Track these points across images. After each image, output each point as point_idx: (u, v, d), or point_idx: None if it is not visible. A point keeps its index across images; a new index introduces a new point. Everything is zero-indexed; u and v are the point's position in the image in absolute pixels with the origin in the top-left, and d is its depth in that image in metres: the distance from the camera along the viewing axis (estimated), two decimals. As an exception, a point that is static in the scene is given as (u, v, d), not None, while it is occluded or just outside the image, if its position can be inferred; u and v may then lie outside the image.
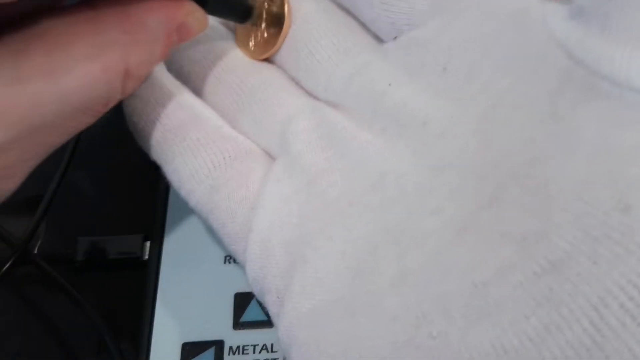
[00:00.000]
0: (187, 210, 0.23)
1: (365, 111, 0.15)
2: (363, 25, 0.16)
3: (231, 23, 0.18)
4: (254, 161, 0.16)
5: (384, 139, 0.14)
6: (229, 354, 0.20)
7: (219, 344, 0.20)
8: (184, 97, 0.17)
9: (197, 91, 0.17)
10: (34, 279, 0.26)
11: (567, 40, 0.12)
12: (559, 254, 0.11)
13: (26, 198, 0.27)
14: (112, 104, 0.14)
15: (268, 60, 0.18)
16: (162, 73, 0.17)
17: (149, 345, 0.20)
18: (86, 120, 0.14)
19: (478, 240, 0.12)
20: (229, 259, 0.22)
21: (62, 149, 0.26)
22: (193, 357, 0.20)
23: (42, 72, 0.12)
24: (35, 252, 0.25)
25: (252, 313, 0.21)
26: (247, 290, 0.21)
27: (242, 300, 0.21)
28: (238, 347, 0.20)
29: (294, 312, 0.14)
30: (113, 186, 0.30)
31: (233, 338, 0.20)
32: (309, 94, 0.17)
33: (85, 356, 0.25)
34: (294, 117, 0.16)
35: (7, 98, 0.12)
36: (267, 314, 0.21)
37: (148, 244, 0.24)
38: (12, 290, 0.26)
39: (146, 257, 0.23)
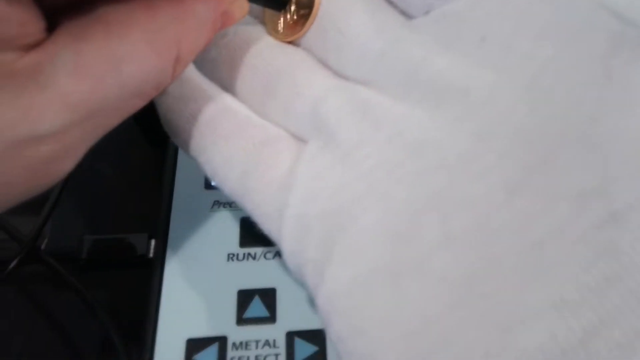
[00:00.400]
0: (191, 208, 0.23)
1: (398, 86, 0.15)
2: (391, 3, 0.16)
3: (255, 7, 0.18)
4: (283, 145, 0.16)
5: (420, 109, 0.14)
6: (232, 350, 0.20)
7: (222, 340, 0.20)
8: (214, 92, 0.17)
9: (225, 77, 0.18)
10: (40, 278, 0.27)
11: (616, 3, 0.13)
12: (618, 206, 0.11)
13: (32, 197, 0.27)
14: (162, 87, 0.14)
15: (294, 43, 0.18)
16: (192, 71, 0.18)
17: (154, 341, 0.20)
18: (140, 103, 0.14)
19: (530, 200, 0.12)
20: (232, 256, 0.22)
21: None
22: (197, 352, 0.20)
23: (102, 58, 0.12)
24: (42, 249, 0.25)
25: (255, 309, 0.21)
26: (250, 287, 0.21)
27: (245, 297, 0.21)
28: (241, 342, 0.20)
29: (334, 282, 0.14)
30: (118, 185, 0.30)
31: (236, 334, 0.21)
32: (338, 74, 0.17)
33: (90, 352, 0.25)
34: (323, 97, 0.16)
35: (69, 83, 0.12)
36: (269, 310, 0.21)
37: (153, 242, 0.24)
38: (19, 289, 0.27)
39: (151, 255, 0.24)
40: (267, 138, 0.16)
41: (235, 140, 0.16)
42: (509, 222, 0.12)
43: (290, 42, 0.18)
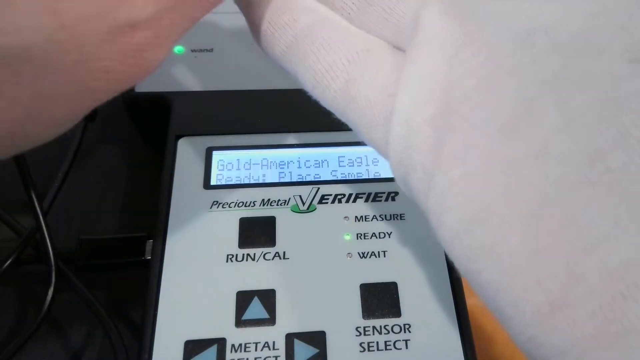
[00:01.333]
0: (189, 209, 0.23)
1: None
2: None
3: None
4: (386, 53, 0.16)
5: (527, 3, 0.14)
6: (231, 352, 0.20)
7: (221, 342, 0.20)
8: (308, 2, 0.17)
9: None
10: (39, 278, 0.26)
11: None
12: None
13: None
14: None
15: None
16: None
17: (152, 342, 0.20)
18: None
19: None
20: (231, 257, 0.22)
21: (65, 148, 0.27)
22: (195, 354, 0.20)
23: None
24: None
25: (253, 311, 0.21)
26: (249, 288, 0.21)
27: (244, 299, 0.21)
28: (240, 344, 0.20)
29: (445, 180, 0.14)
30: (116, 186, 0.30)
31: (235, 336, 0.20)
32: None
33: (89, 353, 0.25)
34: (425, 4, 0.16)
35: None
36: (268, 312, 0.21)
37: (151, 242, 0.24)
38: (18, 288, 0.26)
39: (149, 256, 0.24)
40: (370, 46, 0.16)
41: (337, 48, 0.16)
42: (636, 91, 0.12)
43: None
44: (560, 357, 0.12)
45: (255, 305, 0.21)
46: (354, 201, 0.24)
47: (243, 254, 0.22)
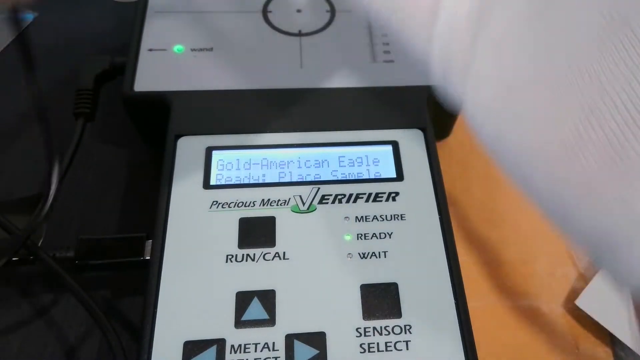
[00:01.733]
0: (189, 209, 0.23)
1: None
2: None
3: None
4: None
5: None
6: (230, 353, 0.20)
7: (220, 343, 0.20)
8: None
9: None
10: (37, 279, 0.26)
11: None
12: None
13: (28, 197, 0.27)
14: None
15: None
16: None
17: (151, 343, 0.20)
18: None
19: None
20: (231, 257, 0.22)
21: (63, 148, 0.26)
22: (194, 355, 0.20)
23: None
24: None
25: (253, 312, 0.21)
26: (248, 288, 0.21)
27: (244, 299, 0.21)
28: (240, 345, 0.20)
29: (480, 68, 0.15)
30: (115, 186, 0.30)
31: (235, 336, 0.20)
32: None
33: (88, 354, 0.25)
34: None
35: None
36: (268, 312, 0.21)
37: (150, 243, 0.24)
38: (16, 289, 0.26)
39: (148, 256, 0.23)
40: None
41: None
42: None
43: None
44: (575, 190, 0.13)
45: (255, 305, 0.21)
46: (354, 201, 0.24)
47: (243, 254, 0.22)
